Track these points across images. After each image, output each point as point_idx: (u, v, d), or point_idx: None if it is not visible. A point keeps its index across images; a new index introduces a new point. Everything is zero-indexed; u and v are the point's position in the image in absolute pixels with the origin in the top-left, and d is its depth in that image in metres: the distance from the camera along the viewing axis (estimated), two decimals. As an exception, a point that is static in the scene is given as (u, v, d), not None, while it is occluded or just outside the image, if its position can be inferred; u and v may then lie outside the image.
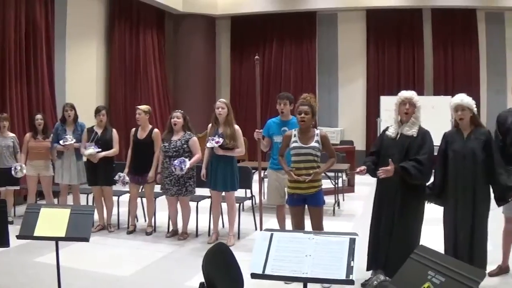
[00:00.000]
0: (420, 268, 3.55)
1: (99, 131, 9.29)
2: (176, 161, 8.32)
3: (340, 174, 11.98)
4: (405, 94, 6.38)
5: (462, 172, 6.19)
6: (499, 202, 6.23)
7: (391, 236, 6.25)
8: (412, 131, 6.26)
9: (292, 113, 7.73)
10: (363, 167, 6.35)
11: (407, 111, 6.28)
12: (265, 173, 8.76)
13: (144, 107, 9.28)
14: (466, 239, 6.17)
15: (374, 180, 6.58)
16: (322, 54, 19.40)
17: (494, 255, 7.02)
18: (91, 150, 9.06)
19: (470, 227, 6.16)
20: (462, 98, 6.28)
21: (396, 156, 6.16)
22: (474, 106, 6.30)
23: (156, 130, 9.22)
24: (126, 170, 9.13)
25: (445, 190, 6.36)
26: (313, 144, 6.52)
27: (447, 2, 17.82)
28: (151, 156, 9.04)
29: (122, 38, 16.56)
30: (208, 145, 8.12)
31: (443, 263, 3.46)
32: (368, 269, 6.45)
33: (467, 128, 6.31)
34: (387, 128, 6.57)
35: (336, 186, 11.62)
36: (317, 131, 6.67)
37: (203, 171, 8.44)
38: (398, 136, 6.32)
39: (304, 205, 6.66)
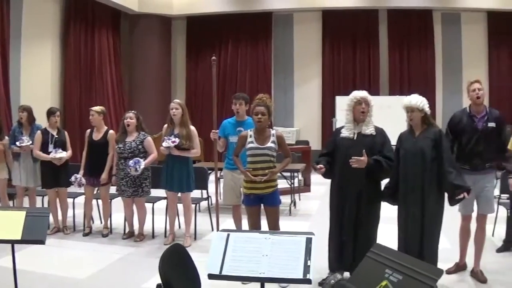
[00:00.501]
0: (377, 267, 3.58)
1: (53, 133, 9.19)
2: (131, 161, 8.28)
3: (296, 174, 12.04)
4: (360, 94, 6.44)
5: (411, 171, 6.27)
6: (450, 201, 6.32)
7: (356, 236, 6.33)
8: (370, 130, 6.38)
9: (248, 114, 7.74)
10: (321, 166, 6.35)
11: (363, 110, 6.36)
12: (221, 174, 8.74)
13: (97, 108, 9.20)
14: (416, 237, 6.26)
15: (329, 180, 6.64)
16: (277, 54, 19.45)
17: (451, 253, 7.19)
18: (60, 154, 8.99)
19: (419, 226, 6.24)
20: (411, 100, 6.37)
21: (358, 156, 6.21)
22: (426, 106, 6.38)
23: (111, 131, 9.13)
24: (82, 171, 9.02)
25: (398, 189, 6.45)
26: (270, 144, 6.54)
27: (403, 3, 18.04)
28: (106, 158, 8.95)
29: (77, 39, 16.38)
30: (164, 144, 8.08)
31: (400, 261, 3.49)
32: (331, 270, 6.51)
33: (419, 128, 6.41)
34: (339, 130, 6.61)
35: (292, 186, 11.66)
36: (273, 131, 6.70)
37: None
38: (356, 136, 6.37)
39: (260, 205, 6.68)
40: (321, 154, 6.68)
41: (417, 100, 6.35)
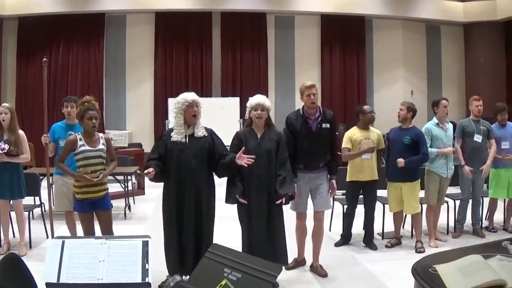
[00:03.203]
0: (215, 266, 3.63)
1: None
2: None
3: (129, 177, 11.98)
4: (191, 96, 6.43)
5: (256, 172, 6.41)
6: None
7: (198, 239, 6.37)
8: (202, 132, 6.42)
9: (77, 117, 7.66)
10: (151, 169, 6.21)
11: (195, 113, 6.39)
12: (53, 179, 8.56)
13: None
14: (262, 237, 6.45)
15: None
16: (110, 56, 19.11)
17: (290, 249, 7.36)
18: None
19: (265, 225, 6.45)
20: (265, 99, 6.63)
21: (193, 160, 6.29)
22: (270, 108, 6.66)
23: None
24: None
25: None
26: (101, 146, 6.59)
27: (237, 6, 18.42)
28: None
29: None
30: (-6, 152, 7.83)
31: (238, 259, 3.56)
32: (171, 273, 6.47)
33: (261, 129, 6.60)
34: (169, 133, 6.52)
35: (126, 189, 11.58)
36: (100, 134, 6.75)
37: None
38: (187, 139, 6.39)
39: (93, 210, 6.62)
40: (150, 158, 6.56)
41: (268, 101, 6.62)
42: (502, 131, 9.26)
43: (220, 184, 6.71)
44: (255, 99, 6.66)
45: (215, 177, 6.63)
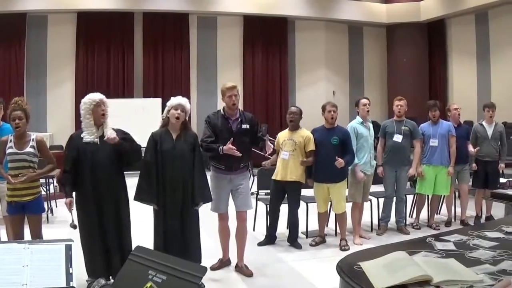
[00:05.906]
0: (139, 269, 3.60)
1: None
2: None
3: (51, 180, 11.77)
4: (98, 96, 6.53)
5: (170, 173, 6.45)
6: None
7: (121, 240, 6.35)
8: (112, 132, 6.35)
9: (4, 119, 7.54)
10: (68, 200, 6.30)
11: (103, 113, 6.45)
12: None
13: None
14: (177, 237, 6.48)
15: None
16: (30, 57, 18.73)
17: (215, 250, 7.49)
18: None
19: (179, 224, 6.49)
20: (186, 101, 6.67)
21: (107, 160, 6.28)
22: (189, 112, 6.70)
23: None
24: None
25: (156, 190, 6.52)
26: (28, 149, 6.50)
27: (159, 6, 18.43)
28: None
29: None
30: None
31: (162, 261, 3.54)
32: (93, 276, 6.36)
33: (177, 130, 6.61)
34: (79, 135, 6.53)
35: (48, 192, 11.40)
36: (33, 136, 6.66)
37: None
38: (99, 140, 6.37)
39: (24, 213, 6.53)
40: (65, 170, 6.49)
41: (189, 104, 6.68)
42: (433, 129, 9.63)
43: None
44: (176, 99, 6.68)
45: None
